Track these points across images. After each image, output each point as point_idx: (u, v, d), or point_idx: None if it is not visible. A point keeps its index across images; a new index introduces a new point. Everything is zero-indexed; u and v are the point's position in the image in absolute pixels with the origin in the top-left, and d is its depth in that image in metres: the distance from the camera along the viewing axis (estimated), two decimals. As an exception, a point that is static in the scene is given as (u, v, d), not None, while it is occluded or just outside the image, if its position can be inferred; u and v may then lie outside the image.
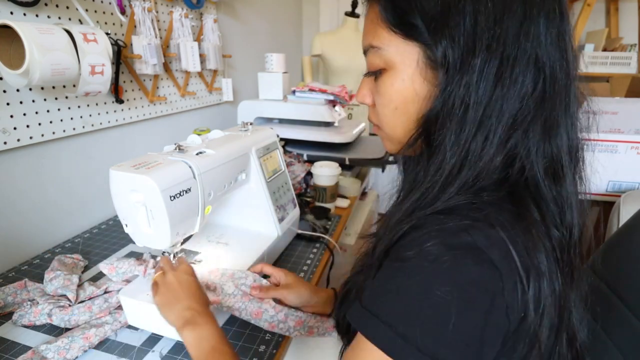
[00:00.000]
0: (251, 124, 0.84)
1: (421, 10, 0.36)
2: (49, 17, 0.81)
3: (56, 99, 0.84)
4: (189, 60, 1.22)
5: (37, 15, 0.78)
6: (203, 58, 1.34)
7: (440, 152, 0.36)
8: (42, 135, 0.83)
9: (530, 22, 0.34)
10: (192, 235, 0.64)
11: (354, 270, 0.52)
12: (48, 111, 0.83)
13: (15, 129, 0.77)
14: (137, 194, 0.54)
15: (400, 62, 0.39)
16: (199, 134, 0.71)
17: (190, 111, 1.37)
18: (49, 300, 0.63)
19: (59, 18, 0.83)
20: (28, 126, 0.79)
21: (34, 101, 0.80)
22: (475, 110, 0.34)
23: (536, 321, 0.33)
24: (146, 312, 0.58)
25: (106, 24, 0.95)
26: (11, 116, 0.76)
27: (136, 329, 0.62)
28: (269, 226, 0.82)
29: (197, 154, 0.63)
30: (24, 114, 0.78)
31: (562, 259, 0.36)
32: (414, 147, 0.41)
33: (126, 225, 0.58)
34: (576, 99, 0.37)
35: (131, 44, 1.02)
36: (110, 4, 0.94)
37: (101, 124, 0.97)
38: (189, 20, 1.21)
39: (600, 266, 0.64)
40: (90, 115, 0.94)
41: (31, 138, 0.80)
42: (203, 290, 0.56)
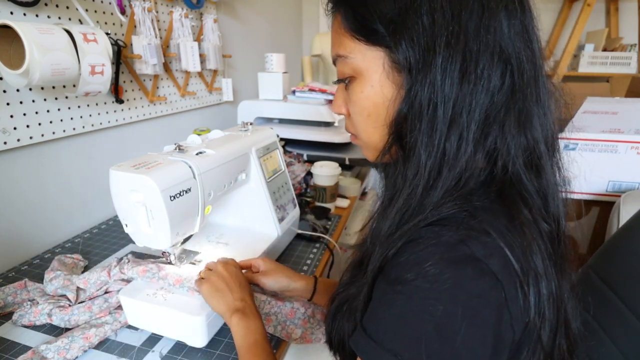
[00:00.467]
0: (251, 124, 0.84)
1: (380, 15, 0.36)
2: (49, 17, 0.81)
3: (56, 99, 0.84)
4: (189, 60, 1.22)
5: (37, 15, 0.78)
6: (203, 58, 1.35)
7: (415, 154, 0.36)
8: (42, 135, 0.83)
9: (490, 16, 0.34)
10: (192, 235, 0.64)
11: (342, 281, 0.51)
12: (48, 111, 0.83)
13: (15, 129, 0.77)
14: (137, 194, 0.54)
15: (367, 68, 0.39)
16: (199, 134, 0.71)
17: (190, 111, 1.37)
18: (49, 300, 0.63)
19: (59, 18, 0.83)
20: (28, 126, 0.80)
21: (34, 101, 0.80)
22: (445, 109, 0.34)
23: (538, 326, 0.33)
24: (146, 312, 0.58)
25: (106, 24, 0.95)
26: (11, 116, 0.76)
27: (136, 329, 0.62)
28: (269, 226, 0.82)
29: (197, 154, 0.63)
30: (24, 114, 0.78)
31: (555, 252, 0.36)
32: (390, 153, 0.40)
33: (126, 225, 0.58)
34: (546, 89, 0.37)
35: (131, 44, 1.02)
36: (110, 4, 0.94)
37: (101, 124, 0.97)
38: (189, 20, 1.21)
39: (600, 266, 0.64)
40: (90, 115, 0.94)
41: (31, 138, 0.80)
42: (250, 286, 0.61)
